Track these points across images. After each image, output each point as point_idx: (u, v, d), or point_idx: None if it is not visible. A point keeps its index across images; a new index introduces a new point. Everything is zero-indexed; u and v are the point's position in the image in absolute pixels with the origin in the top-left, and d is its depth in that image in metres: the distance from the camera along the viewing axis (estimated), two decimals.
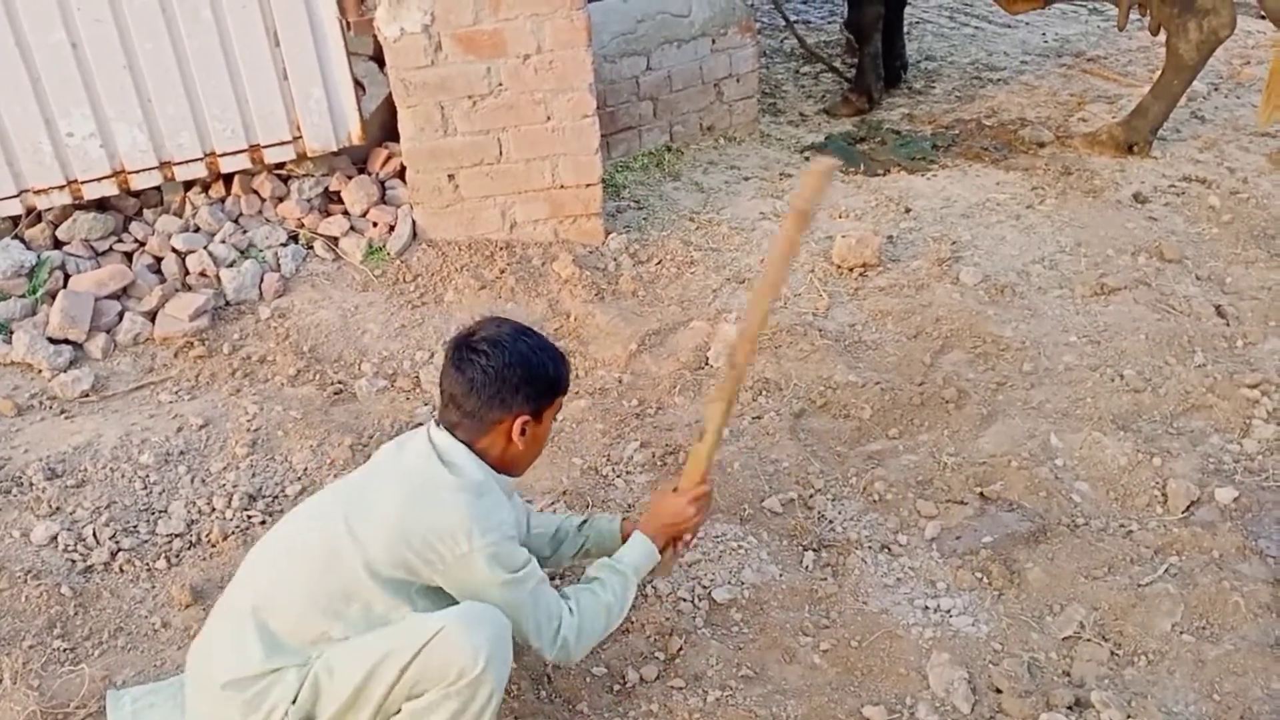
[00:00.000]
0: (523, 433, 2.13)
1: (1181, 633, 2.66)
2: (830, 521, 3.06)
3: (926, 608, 2.77)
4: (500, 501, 2.12)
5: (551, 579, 2.47)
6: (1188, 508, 3.03)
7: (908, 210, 4.76)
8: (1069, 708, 2.45)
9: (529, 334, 2.17)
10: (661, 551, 2.38)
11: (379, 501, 2.08)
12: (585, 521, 2.54)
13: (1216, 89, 6.02)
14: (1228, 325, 3.88)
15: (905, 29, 6.50)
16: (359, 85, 4.22)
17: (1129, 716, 2.43)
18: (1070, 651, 2.62)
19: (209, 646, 2.11)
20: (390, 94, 4.10)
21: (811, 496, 3.14)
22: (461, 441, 2.12)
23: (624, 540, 2.42)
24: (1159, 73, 5.18)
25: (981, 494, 3.14)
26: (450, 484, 2.06)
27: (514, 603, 2.08)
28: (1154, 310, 3.97)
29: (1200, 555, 2.87)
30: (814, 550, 2.95)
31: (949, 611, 2.75)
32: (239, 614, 2.08)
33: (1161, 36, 5.08)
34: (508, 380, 2.08)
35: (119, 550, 2.93)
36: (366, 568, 2.02)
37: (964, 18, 7.54)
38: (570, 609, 2.18)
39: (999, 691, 2.51)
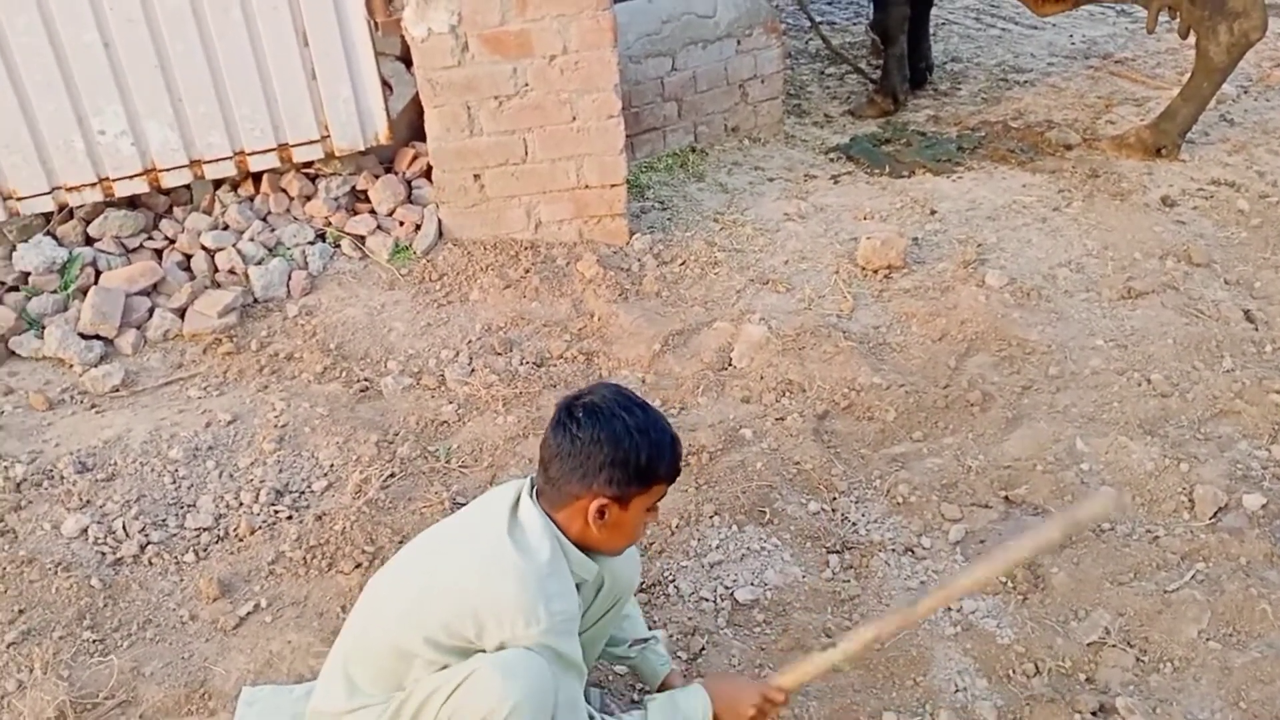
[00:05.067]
0: (600, 516, 1.97)
1: (1208, 640, 2.64)
2: (854, 524, 3.06)
3: (950, 610, 2.75)
4: (563, 589, 1.97)
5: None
6: (1215, 514, 3.00)
7: (933, 212, 4.74)
8: (1094, 714, 2.44)
9: (636, 410, 1.98)
10: None
11: (445, 572, 2.01)
12: (643, 643, 2.41)
13: (1246, 92, 5.97)
14: (1256, 330, 3.85)
15: (931, 30, 6.48)
16: (386, 85, 4.25)
17: None
18: (1095, 657, 2.61)
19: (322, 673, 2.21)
20: (417, 94, 4.13)
21: (835, 499, 3.14)
22: (544, 511, 2.01)
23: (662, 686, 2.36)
24: (1188, 75, 5.14)
25: (1006, 498, 3.13)
26: (513, 565, 1.93)
27: None
28: (1182, 314, 3.94)
29: (1227, 562, 2.85)
30: (837, 552, 2.95)
31: (973, 615, 2.74)
32: (337, 655, 2.15)
33: (1191, 39, 5.04)
34: (592, 456, 1.93)
35: (148, 543, 2.96)
36: (428, 641, 1.98)
37: (990, 19, 7.50)
38: None
39: (1023, 697, 2.50)
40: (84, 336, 3.66)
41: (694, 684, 2.20)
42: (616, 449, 1.93)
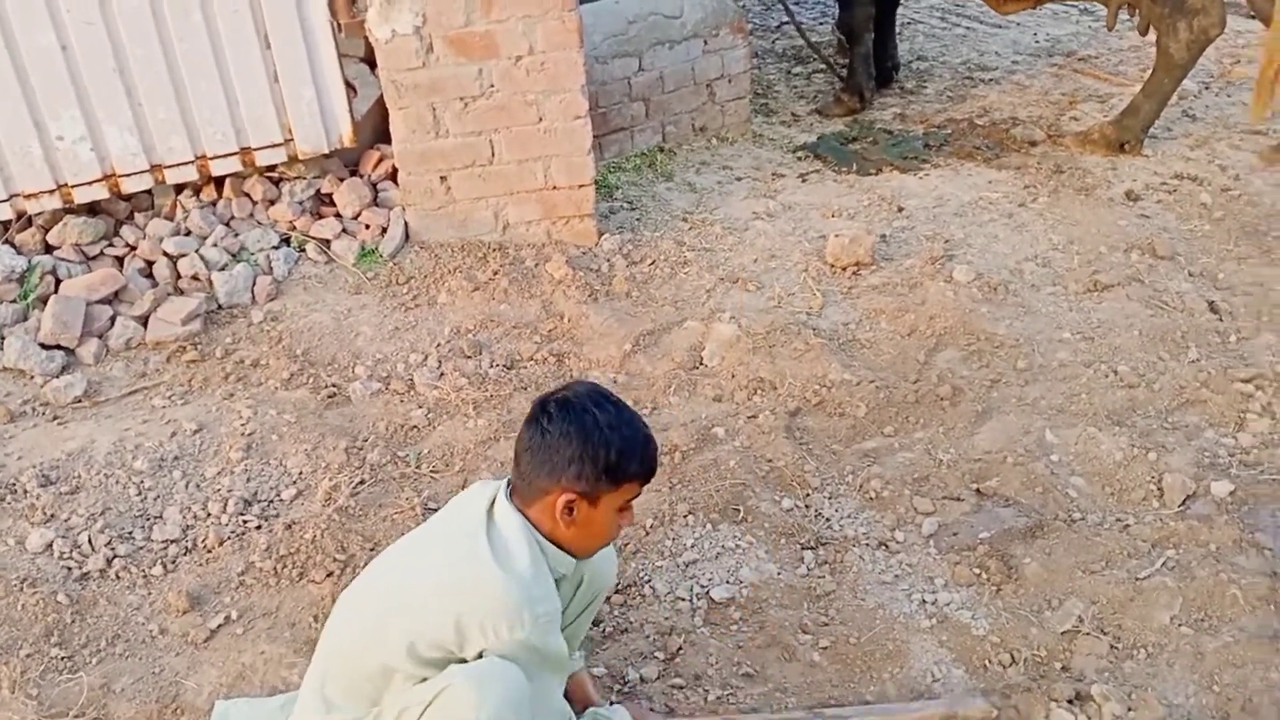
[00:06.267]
0: (568, 512, 1.94)
1: (1180, 625, 2.66)
2: (827, 519, 3.06)
3: (925, 603, 2.77)
4: (546, 591, 1.95)
5: None
6: (1184, 501, 3.04)
7: (900, 209, 4.76)
8: (1070, 701, 2.45)
9: (609, 407, 1.95)
10: None
11: (422, 579, 1.97)
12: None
13: (1207, 88, 6.04)
14: (1221, 321, 3.90)
15: (897, 29, 6.51)
16: (350, 87, 4.21)
17: (1130, 709, 2.43)
18: (1070, 645, 2.62)
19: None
20: (382, 96, 4.09)
21: (808, 495, 3.14)
22: (518, 509, 1.99)
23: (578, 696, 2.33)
24: (1150, 72, 5.20)
25: (978, 490, 3.14)
26: (493, 571, 1.90)
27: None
28: (1147, 306, 3.98)
29: (1197, 548, 2.88)
30: (811, 548, 2.95)
31: (947, 607, 2.75)
32: (313, 671, 2.11)
33: (1151, 36, 5.10)
34: (560, 450, 1.91)
35: (115, 557, 2.91)
36: (409, 654, 1.93)
37: (955, 18, 7.56)
38: None
39: (999, 686, 2.51)
40: (44, 346, 3.59)
41: (618, 706, 2.23)
42: (585, 443, 1.91)
